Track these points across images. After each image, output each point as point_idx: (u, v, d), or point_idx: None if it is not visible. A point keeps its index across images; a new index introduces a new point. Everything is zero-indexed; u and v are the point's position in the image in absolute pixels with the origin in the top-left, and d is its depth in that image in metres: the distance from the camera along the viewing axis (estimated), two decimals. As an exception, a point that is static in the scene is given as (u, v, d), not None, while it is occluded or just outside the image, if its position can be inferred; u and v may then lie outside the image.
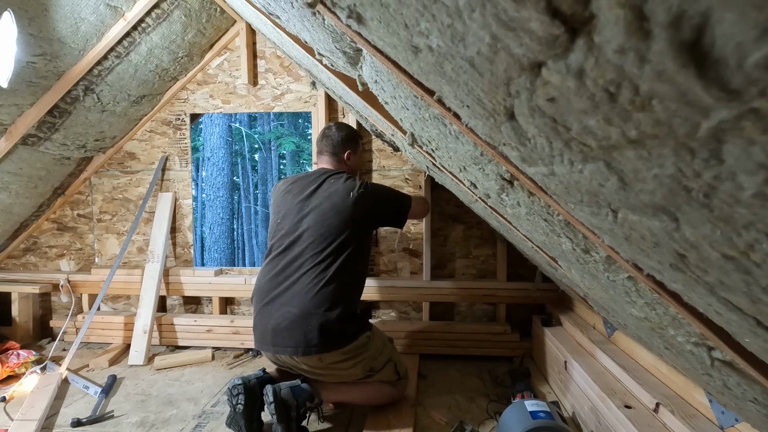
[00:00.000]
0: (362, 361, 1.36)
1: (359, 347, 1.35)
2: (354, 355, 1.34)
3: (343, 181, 1.48)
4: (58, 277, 2.26)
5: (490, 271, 2.15)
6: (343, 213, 1.41)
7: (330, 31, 0.65)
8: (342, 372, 1.36)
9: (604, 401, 1.17)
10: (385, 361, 1.42)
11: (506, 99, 0.33)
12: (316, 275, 1.35)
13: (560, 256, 0.85)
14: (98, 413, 1.49)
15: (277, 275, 1.40)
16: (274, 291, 1.39)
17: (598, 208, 0.38)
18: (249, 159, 10.20)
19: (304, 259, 1.38)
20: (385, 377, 1.42)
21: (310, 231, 1.41)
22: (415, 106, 0.66)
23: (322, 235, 1.39)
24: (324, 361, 1.32)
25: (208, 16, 2.00)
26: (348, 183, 1.47)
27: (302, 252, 1.39)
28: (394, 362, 1.45)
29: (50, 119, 1.86)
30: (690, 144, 0.21)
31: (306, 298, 1.32)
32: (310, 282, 1.34)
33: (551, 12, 0.21)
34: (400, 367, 1.47)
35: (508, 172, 0.60)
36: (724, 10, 0.15)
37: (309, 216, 1.43)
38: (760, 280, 0.27)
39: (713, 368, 0.56)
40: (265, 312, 1.38)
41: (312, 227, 1.41)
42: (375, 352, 1.39)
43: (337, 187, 1.46)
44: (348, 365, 1.34)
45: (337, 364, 1.33)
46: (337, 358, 1.32)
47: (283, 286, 1.37)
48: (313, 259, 1.37)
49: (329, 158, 1.59)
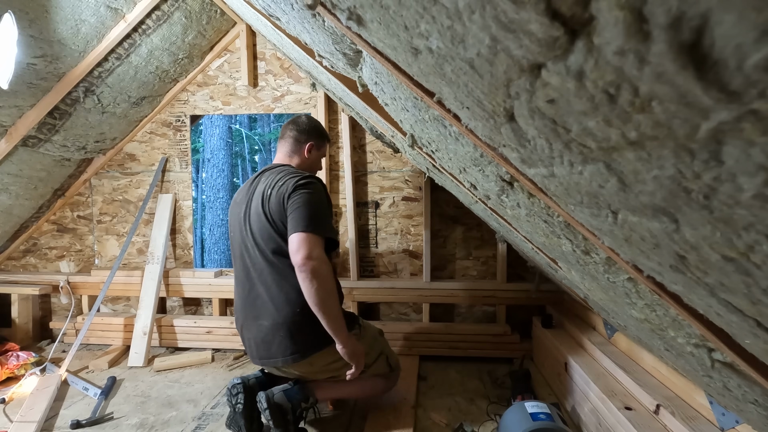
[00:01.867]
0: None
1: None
2: (339, 356, 1.31)
3: (281, 174, 1.33)
4: (58, 279, 2.26)
5: (490, 272, 2.15)
6: (279, 205, 1.26)
7: (330, 32, 0.65)
8: (336, 372, 1.34)
9: (604, 403, 1.17)
10: (377, 355, 1.41)
11: (506, 100, 0.33)
12: (273, 280, 1.27)
13: (560, 257, 0.85)
14: (98, 415, 1.48)
15: (243, 291, 1.36)
16: (245, 308, 1.34)
17: (598, 209, 0.38)
18: (249, 160, 10.19)
19: (259, 268, 1.30)
20: (378, 371, 1.41)
21: (254, 235, 1.32)
22: (415, 107, 0.66)
23: (263, 237, 1.29)
24: (315, 364, 1.30)
25: (209, 17, 2.00)
26: (286, 174, 1.32)
27: (254, 260, 1.31)
28: (386, 355, 1.44)
29: (50, 121, 1.86)
30: (690, 145, 0.21)
31: (272, 307, 1.27)
32: (270, 289, 1.28)
33: (551, 14, 0.21)
34: (391, 359, 1.47)
35: (508, 173, 0.60)
36: (723, 11, 0.15)
37: (249, 220, 1.34)
38: (761, 282, 0.27)
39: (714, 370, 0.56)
40: (245, 329, 1.35)
41: (255, 231, 1.32)
42: (366, 348, 1.36)
43: (269, 180, 1.33)
44: (341, 364, 1.31)
45: (330, 365, 1.32)
46: (329, 359, 1.30)
47: (249, 300, 1.33)
48: (267, 265, 1.28)
49: (289, 144, 1.44)
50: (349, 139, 2.12)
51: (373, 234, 2.20)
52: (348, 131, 2.11)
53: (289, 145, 1.45)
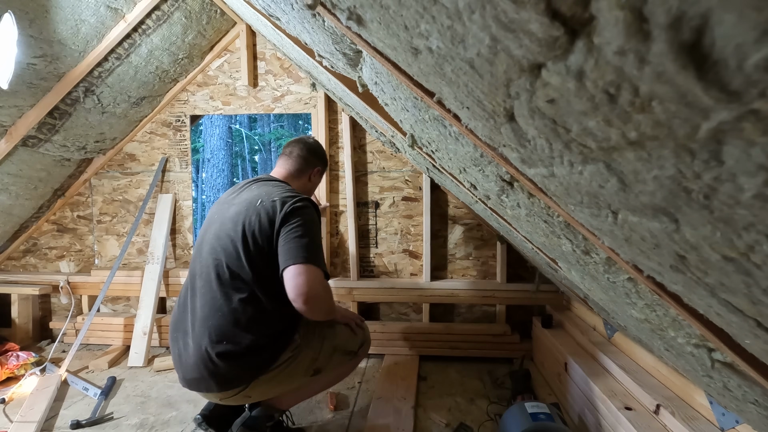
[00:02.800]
0: (298, 374, 1.18)
1: (287, 365, 1.15)
2: (283, 378, 1.15)
3: (277, 190, 1.22)
4: (58, 279, 2.26)
5: (490, 272, 2.15)
6: (267, 225, 1.15)
7: (330, 32, 0.65)
8: (281, 391, 1.20)
9: (604, 403, 1.17)
10: (329, 354, 1.24)
11: (506, 100, 0.33)
12: (218, 298, 1.15)
13: (560, 257, 0.85)
14: (98, 415, 1.48)
15: (183, 301, 1.25)
16: (180, 319, 1.23)
17: (598, 209, 0.38)
18: (249, 160, 10.20)
19: (207, 281, 1.19)
20: (336, 365, 1.28)
21: (221, 246, 1.19)
22: (415, 107, 0.66)
23: (229, 253, 1.18)
24: (252, 396, 1.16)
25: (209, 17, 2.00)
26: (282, 192, 1.22)
27: (204, 271, 1.21)
28: (342, 347, 1.28)
29: (50, 121, 1.86)
30: (690, 145, 0.21)
31: (203, 328, 1.15)
32: (210, 308, 1.16)
33: (551, 13, 0.21)
34: (350, 344, 1.31)
35: (508, 173, 0.60)
36: (723, 11, 0.15)
37: (221, 230, 1.21)
38: (761, 282, 0.27)
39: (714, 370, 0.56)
40: (175, 339, 1.23)
41: (222, 242, 1.19)
42: (313, 354, 1.20)
43: (259, 193, 1.21)
44: (285, 386, 1.17)
45: (269, 390, 1.16)
46: (264, 387, 1.14)
47: (184, 314, 1.23)
48: (215, 280, 1.17)
49: (295, 163, 1.37)
50: (350, 139, 2.12)
51: (373, 234, 2.20)
52: (348, 131, 2.12)
53: (295, 165, 1.37)
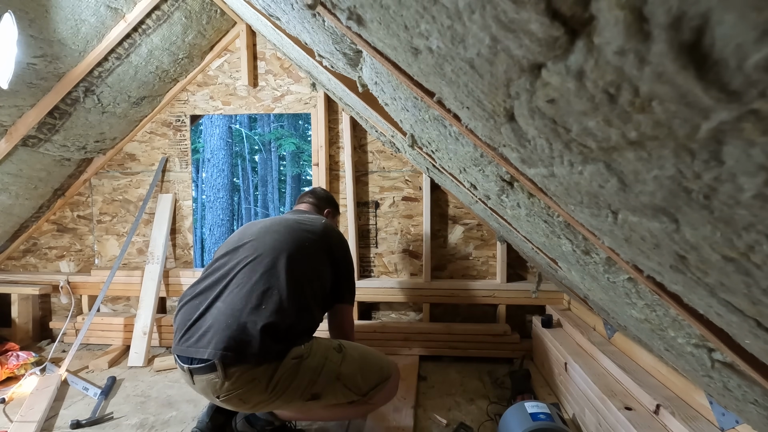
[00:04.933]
0: (295, 392, 1.09)
1: (280, 378, 1.07)
2: (277, 389, 1.08)
3: (324, 223, 1.39)
4: (58, 279, 2.26)
5: (490, 272, 2.15)
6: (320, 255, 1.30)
7: (330, 32, 0.65)
8: (278, 406, 1.14)
9: (604, 403, 1.17)
10: (331, 382, 1.12)
11: (506, 100, 0.33)
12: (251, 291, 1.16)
13: (560, 257, 0.85)
14: (98, 415, 1.48)
15: (211, 283, 1.24)
16: (202, 303, 1.21)
17: (598, 209, 0.38)
18: (249, 160, 10.20)
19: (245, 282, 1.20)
20: (337, 400, 1.15)
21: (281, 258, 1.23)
22: (415, 107, 0.66)
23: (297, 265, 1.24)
24: (249, 402, 1.09)
25: (209, 17, 2.00)
26: (328, 228, 1.38)
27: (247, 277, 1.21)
28: (346, 380, 1.14)
29: (50, 120, 1.86)
30: (690, 145, 0.21)
31: (229, 317, 1.13)
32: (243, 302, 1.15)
33: (551, 13, 0.21)
34: (361, 380, 1.16)
35: (508, 173, 0.60)
36: (723, 11, 0.15)
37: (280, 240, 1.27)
38: (761, 282, 0.27)
39: (714, 370, 0.56)
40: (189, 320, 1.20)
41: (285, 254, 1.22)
42: (310, 375, 1.10)
43: (305, 220, 1.37)
44: (278, 402, 1.11)
45: (264, 403, 1.10)
46: (261, 396, 1.08)
47: (209, 299, 1.22)
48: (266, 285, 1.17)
49: (308, 207, 1.58)
50: (350, 139, 2.12)
51: (373, 234, 2.20)
52: (349, 131, 2.12)
53: (309, 208, 1.58)
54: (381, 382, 1.20)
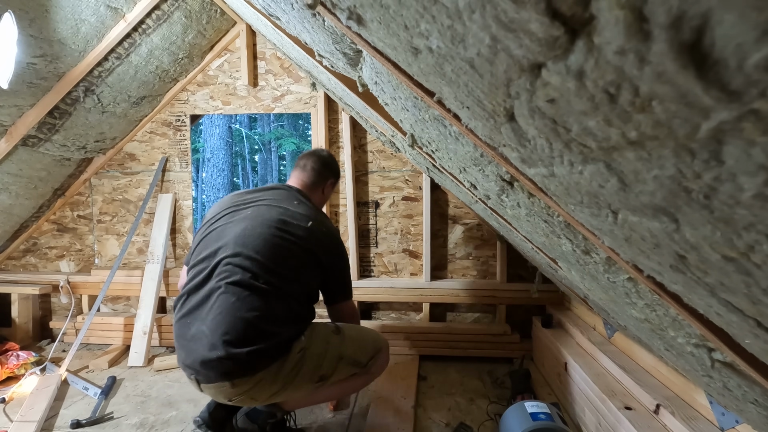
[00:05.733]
0: (303, 379, 1.14)
1: (292, 369, 1.11)
2: (288, 381, 1.12)
3: (309, 212, 1.29)
4: (58, 278, 2.26)
5: (490, 272, 2.15)
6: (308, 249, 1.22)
7: (330, 32, 0.65)
8: (289, 395, 1.17)
9: (604, 402, 1.17)
10: (335, 363, 1.20)
11: (506, 100, 0.33)
12: (237, 299, 1.13)
13: (560, 257, 0.85)
14: (98, 414, 1.48)
15: (199, 282, 1.21)
16: (193, 300, 1.20)
17: (598, 209, 0.38)
18: (249, 160, 10.21)
19: (225, 281, 1.17)
20: (343, 376, 1.23)
21: (250, 252, 1.20)
22: (415, 107, 0.66)
23: (272, 260, 1.19)
24: (258, 399, 1.12)
25: (209, 17, 2.00)
26: (315, 216, 1.28)
27: (226, 272, 1.18)
28: (350, 356, 1.23)
29: (50, 120, 1.86)
30: (690, 145, 0.21)
31: (210, 331, 1.11)
32: (237, 299, 1.14)
33: (551, 13, 0.21)
34: (359, 355, 1.26)
35: (508, 173, 0.60)
36: (724, 11, 0.15)
37: (246, 233, 1.22)
38: (761, 282, 0.27)
39: (714, 370, 0.56)
40: (185, 324, 1.19)
41: (254, 248, 1.19)
42: (317, 361, 1.16)
43: (289, 207, 1.27)
44: (289, 392, 1.14)
45: (275, 395, 1.13)
46: (271, 389, 1.11)
47: (201, 298, 1.20)
48: (244, 283, 1.15)
49: (310, 176, 1.42)
50: (350, 138, 2.12)
51: (373, 234, 2.20)
52: (348, 131, 2.12)
53: (310, 178, 1.42)
54: (376, 353, 1.31)
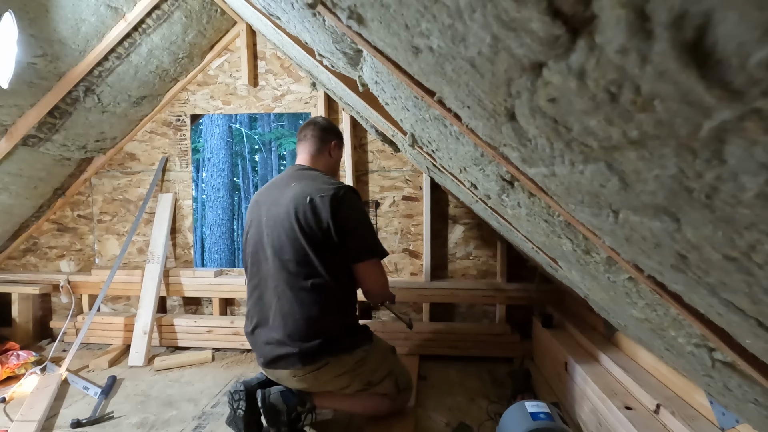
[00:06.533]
0: (360, 375, 1.31)
1: (357, 363, 1.30)
2: (350, 371, 1.29)
3: (317, 183, 1.33)
4: (58, 278, 2.26)
5: (491, 271, 2.15)
6: (301, 221, 1.26)
7: (330, 32, 0.65)
8: (338, 386, 1.32)
9: (604, 402, 1.17)
10: (385, 375, 1.36)
11: (507, 99, 0.33)
12: (286, 291, 1.26)
13: (561, 257, 0.85)
14: (98, 414, 1.48)
15: (255, 295, 1.35)
16: (256, 313, 1.34)
17: (599, 208, 0.38)
18: (249, 160, 10.21)
19: (273, 275, 1.29)
20: (383, 390, 1.37)
21: (276, 242, 1.29)
22: (415, 107, 0.66)
23: (288, 246, 1.27)
24: (320, 379, 1.28)
25: (209, 17, 2.00)
26: (323, 184, 1.32)
27: (269, 267, 1.30)
28: (395, 376, 1.39)
29: (51, 120, 1.86)
30: (692, 144, 0.21)
31: (280, 319, 1.26)
32: (281, 299, 1.27)
33: (552, 12, 0.21)
34: (401, 380, 1.41)
35: (508, 172, 0.60)
36: (726, 10, 0.15)
37: (273, 225, 1.31)
38: (762, 282, 0.27)
39: (714, 369, 0.56)
40: (255, 335, 1.34)
41: (277, 238, 1.29)
42: (374, 366, 1.34)
43: (301, 189, 1.30)
44: (344, 381, 1.30)
45: (333, 380, 1.29)
46: (333, 374, 1.28)
47: (260, 306, 1.32)
48: (283, 275, 1.27)
49: (313, 143, 1.44)
50: (350, 138, 2.12)
51: (373, 233, 2.20)
52: (349, 131, 2.11)
53: (313, 144, 1.44)
54: (408, 387, 1.45)
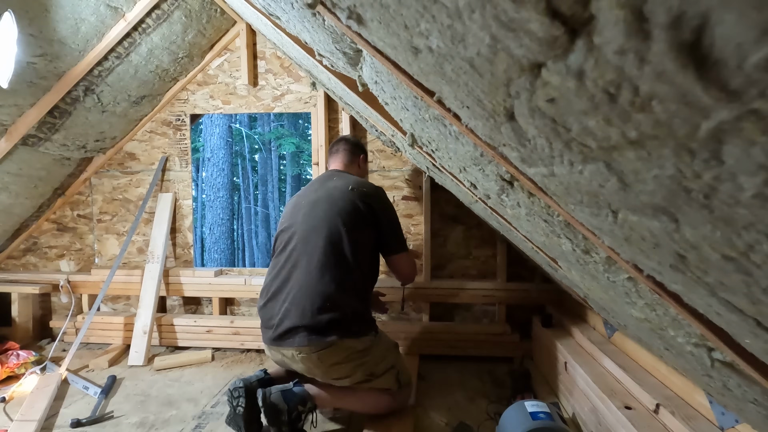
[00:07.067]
0: (363, 365, 1.33)
1: (362, 350, 1.32)
2: (355, 357, 1.31)
3: (356, 180, 1.51)
4: (58, 278, 2.26)
5: (490, 271, 2.15)
6: (339, 204, 1.42)
7: (330, 31, 0.65)
8: (340, 374, 1.33)
9: (604, 402, 1.17)
10: (387, 368, 1.38)
11: (506, 100, 0.33)
12: (313, 269, 1.34)
13: (560, 256, 0.85)
14: (98, 414, 1.48)
15: (277, 271, 1.42)
16: (273, 288, 1.40)
17: (598, 208, 0.38)
18: (249, 159, 10.20)
19: (308, 254, 1.37)
20: (384, 384, 1.38)
21: (312, 220, 1.42)
22: (415, 106, 0.66)
23: (327, 228, 1.39)
24: (324, 362, 1.29)
25: (209, 16, 2.00)
26: (361, 183, 1.50)
27: (305, 246, 1.39)
28: (397, 370, 1.41)
29: (50, 120, 1.86)
30: (690, 145, 0.21)
31: (302, 294, 1.32)
32: (307, 278, 1.34)
33: (551, 13, 0.21)
34: (402, 375, 1.42)
35: (508, 172, 0.60)
36: (723, 11, 0.15)
37: (311, 204, 1.46)
38: (761, 281, 0.27)
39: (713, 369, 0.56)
40: (268, 308, 1.39)
41: (312, 216, 1.43)
42: (378, 357, 1.36)
43: (342, 183, 1.49)
44: (348, 368, 1.31)
45: (336, 366, 1.30)
46: (337, 359, 1.29)
47: (280, 283, 1.38)
48: (318, 254, 1.35)
49: (345, 156, 1.65)
50: (349, 138, 2.12)
51: (373, 233, 2.20)
52: (349, 130, 2.11)
53: (346, 156, 1.67)
54: (409, 383, 1.47)
